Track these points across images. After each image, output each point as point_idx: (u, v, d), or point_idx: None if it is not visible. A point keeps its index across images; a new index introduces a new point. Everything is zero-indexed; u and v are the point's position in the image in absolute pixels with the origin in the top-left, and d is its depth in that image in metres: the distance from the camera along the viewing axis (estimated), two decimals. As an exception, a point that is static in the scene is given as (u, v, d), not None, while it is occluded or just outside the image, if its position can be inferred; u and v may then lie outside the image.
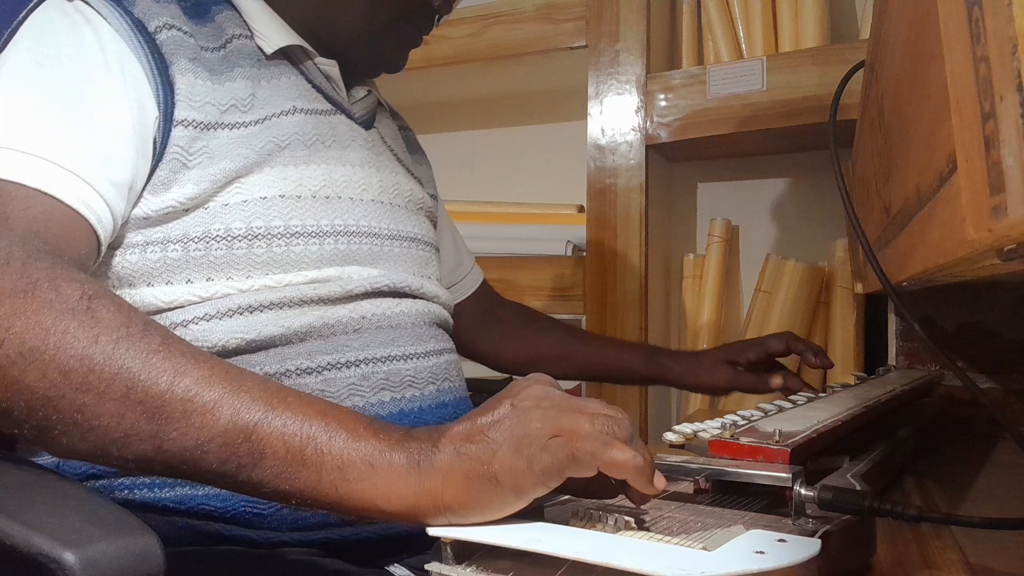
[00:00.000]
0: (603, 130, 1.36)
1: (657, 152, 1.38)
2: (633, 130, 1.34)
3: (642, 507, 0.49)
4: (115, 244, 0.65)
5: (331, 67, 0.78)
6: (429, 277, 0.83)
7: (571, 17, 1.39)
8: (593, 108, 1.37)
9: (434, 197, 0.97)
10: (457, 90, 1.68)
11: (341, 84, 0.79)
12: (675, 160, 1.50)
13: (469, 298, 1.07)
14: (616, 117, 1.35)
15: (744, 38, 1.37)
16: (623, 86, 1.35)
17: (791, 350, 1.00)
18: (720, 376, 1.01)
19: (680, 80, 1.32)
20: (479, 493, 0.44)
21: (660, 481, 0.45)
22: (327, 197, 0.72)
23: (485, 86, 1.64)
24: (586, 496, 0.50)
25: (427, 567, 0.44)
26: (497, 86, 1.64)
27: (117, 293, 0.65)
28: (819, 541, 0.41)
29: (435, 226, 0.93)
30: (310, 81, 0.77)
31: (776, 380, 0.99)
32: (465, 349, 1.07)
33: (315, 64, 0.77)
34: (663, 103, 1.32)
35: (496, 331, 1.09)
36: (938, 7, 0.35)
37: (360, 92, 0.82)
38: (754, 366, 1.01)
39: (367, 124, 0.82)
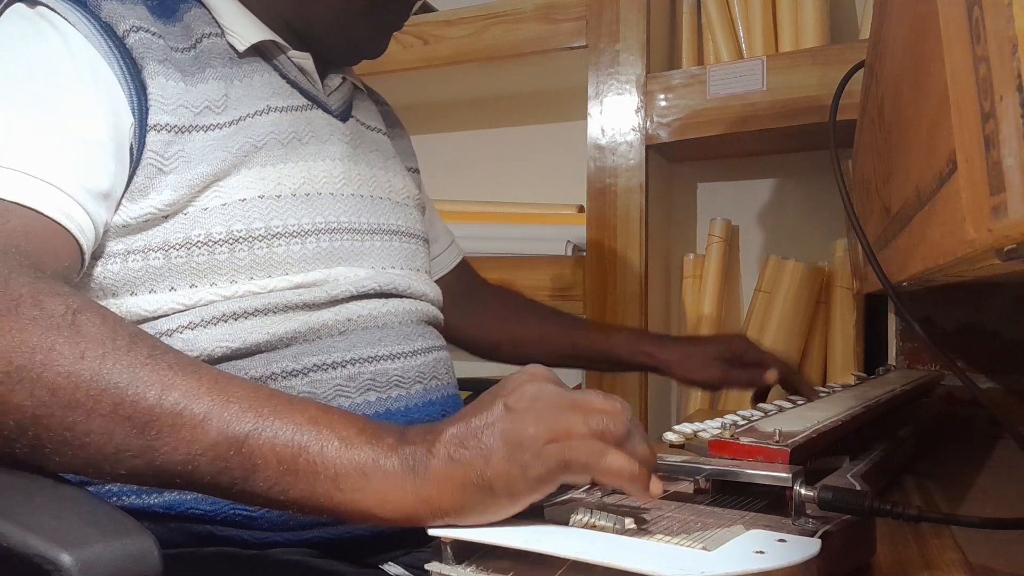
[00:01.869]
0: (603, 130, 1.36)
1: (657, 152, 1.38)
2: (633, 130, 1.34)
3: (642, 507, 0.49)
4: (96, 254, 0.63)
5: (305, 60, 0.76)
6: (417, 270, 0.81)
7: (571, 17, 1.39)
8: (593, 108, 1.37)
9: (415, 171, 0.95)
10: (457, 90, 1.68)
11: (316, 76, 0.78)
12: (675, 160, 1.50)
13: (446, 278, 1.03)
14: (616, 117, 1.35)
15: (744, 38, 1.37)
16: (623, 86, 1.35)
17: (785, 382, 0.95)
18: (713, 373, 0.97)
19: (680, 80, 1.32)
20: (474, 500, 0.44)
21: (656, 487, 0.45)
22: (307, 195, 0.71)
23: (485, 86, 1.64)
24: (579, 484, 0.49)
25: (427, 567, 0.44)
26: (497, 86, 1.64)
27: (100, 303, 0.63)
28: (819, 541, 0.41)
29: (423, 213, 0.91)
30: (284, 76, 0.75)
31: (771, 375, 0.95)
32: (443, 332, 1.05)
33: (288, 58, 0.76)
34: (663, 103, 1.32)
35: (474, 313, 1.05)
36: (938, 7, 0.35)
37: (335, 81, 0.80)
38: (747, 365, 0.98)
39: (344, 115, 0.81)
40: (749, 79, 1.26)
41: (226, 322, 0.65)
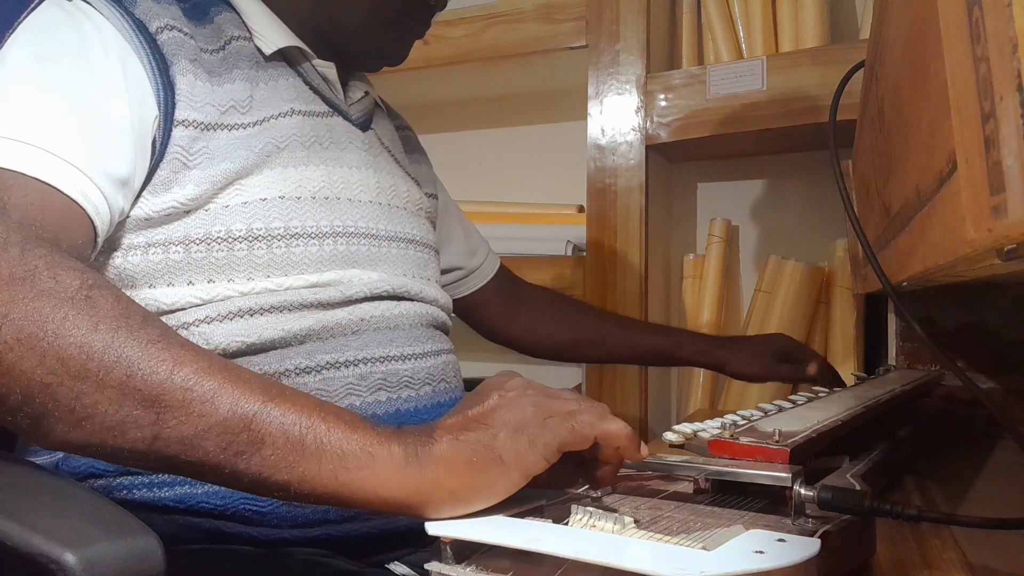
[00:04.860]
0: (603, 130, 1.36)
1: (657, 152, 1.38)
2: (633, 130, 1.34)
3: (641, 507, 0.49)
4: (116, 245, 0.65)
5: (329, 69, 0.78)
6: (428, 279, 0.83)
7: (571, 17, 1.39)
8: (593, 108, 1.37)
9: (433, 196, 0.97)
10: (457, 90, 1.68)
11: (339, 86, 0.80)
12: (675, 160, 1.50)
13: (490, 284, 1.08)
14: (616, 117, 1.35)
15: (744, 38, 1.37)
16: (623, 86, 1.35)
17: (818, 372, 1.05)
18: (762, 367, 1.06)
19: (680, 80, 1.32)
20: (483, 475, 0.45)
21: (644, 449, 0.50)
22: (326, 198, 0.73)
23: (485, 86, 1.64)
24: (551, 486, 0.51)
25: (427, 566, 0.44)
26: (497, 86, 1.64)
27: None
28: (819, 541, 0.41)
29: (434, 227, 0.93)
30: (308, 83, 0.77)
31: (811, 367, 1.04)
32: (497, 335, 1.10)
33: (313, 66, 0.78)
34: (663, 103, 1.32)
35: (526, 316, 1.10)
36: (938, 7, 0.35)
37: (357, 93, 0.83)
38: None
39: (364, 126, 0.83)
40: (749, 79, 1.26)
41: (242, 317, 0.66)
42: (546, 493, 0.49)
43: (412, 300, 0.78)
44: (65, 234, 0.56)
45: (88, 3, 0.65)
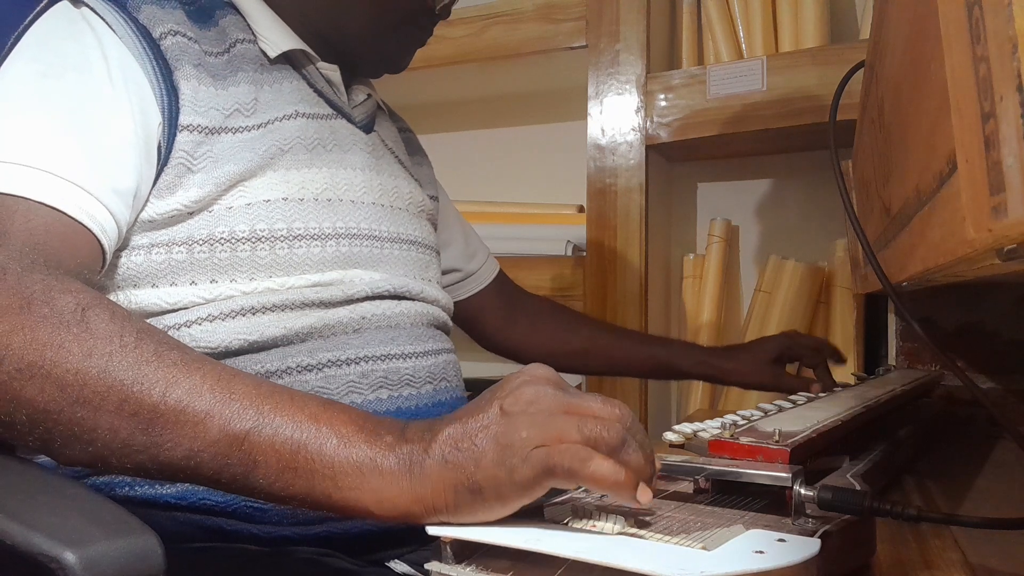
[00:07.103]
0: (603, 130, 1.36)
1: (657, 152, 1.38)
2: (633, 130, 1.34)
3: (641, 507, 0.49)
4: (120, 246, 0.65)
5: (332, 72, 0.79)
6: (429, 280, 0.83)
7: (571, 17, 1.39)
8: (593, 108, 1.37)
9: (434, 198, 0.98)
10: (457, 90, 1.68)
11: (342, 88, 0.80)
12: (675, 160, 1.50)
13: (487, 289, 1.07)
14: (616, 117, 1.35)
15: (744, 38, 1.38)
16: (623, 86, 1.35)
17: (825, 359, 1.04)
18: (765, 376, 1.04)
19: (680, 80, 1.32)
20: (464, 503, 0.44)
21: (644, 495, 0.43)
22: (329, 200, 0.73)
23: (485, 86, 1.64)
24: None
25: (427, 566, 0.44)
26: (497, 86, 1.64)
27: (122, 293, 0.66)
28: (819, 541, 0.41)
29: (435, 228, 0.93)
30: (312, 85, 0.78)
31: (815, 388, 1.01)
32: (491, 342, 1.09)
33: (317, 69, 0.78)
34: (663, 103, 1.32)
35: (523, 324, 1.09)
36: (938, 7, 0.35)
37: (360, 96, 0.83)
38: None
39: (367, 128, 0.83)
40: (749, 79, 1.26)
41: (244, 316, 0.67)
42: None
43: (413, 300, 0.78)
44: (69, 255, 0.56)
45: (92, 10, 0.66)
